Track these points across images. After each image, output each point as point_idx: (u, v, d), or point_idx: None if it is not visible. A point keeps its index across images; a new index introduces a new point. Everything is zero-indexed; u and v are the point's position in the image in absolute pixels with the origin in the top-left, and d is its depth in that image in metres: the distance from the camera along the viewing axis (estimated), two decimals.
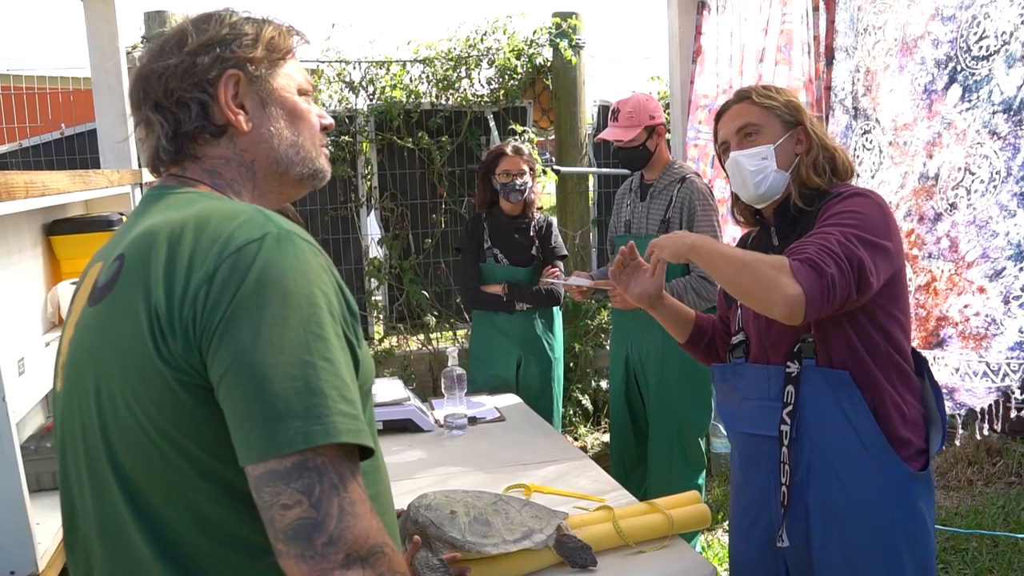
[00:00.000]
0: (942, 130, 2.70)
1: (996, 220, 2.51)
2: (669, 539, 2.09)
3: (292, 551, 0.95)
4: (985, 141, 2.54)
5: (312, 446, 0.95)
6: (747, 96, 2.05)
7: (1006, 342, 2.48)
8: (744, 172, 2.00)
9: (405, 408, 3.05)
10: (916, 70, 2.81)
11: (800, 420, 1.90)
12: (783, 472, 1.93)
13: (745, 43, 3.92)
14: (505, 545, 1.88)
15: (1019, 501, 4.15)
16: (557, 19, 5.45)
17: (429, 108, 5.45)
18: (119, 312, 1.05)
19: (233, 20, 1.22)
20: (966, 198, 2.60)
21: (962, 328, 2.58)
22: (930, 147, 2.74)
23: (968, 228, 2.58)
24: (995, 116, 2.52)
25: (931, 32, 2.76)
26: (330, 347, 1.01)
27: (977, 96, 2.58)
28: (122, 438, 1.05)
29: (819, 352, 1.89)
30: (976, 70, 2.59)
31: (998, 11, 2.52)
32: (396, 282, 5.56)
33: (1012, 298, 2.46)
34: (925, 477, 1.90)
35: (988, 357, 2.52)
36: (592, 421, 5.54)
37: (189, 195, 1.17)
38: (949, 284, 2.63)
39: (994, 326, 2.51)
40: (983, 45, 2.56)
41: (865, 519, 1.87)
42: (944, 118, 2.69)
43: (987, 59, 2.55)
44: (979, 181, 2.56)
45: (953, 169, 2.65)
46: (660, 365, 3.39)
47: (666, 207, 3.33)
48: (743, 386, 2.03)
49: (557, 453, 2.80)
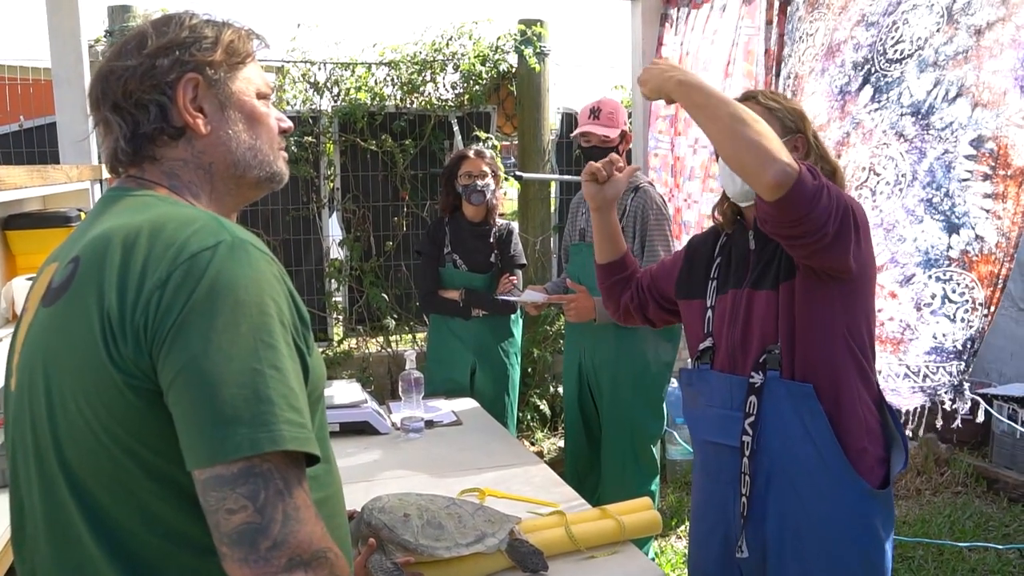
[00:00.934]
0: (851, 129, 2.72)
1: (903, 225, 2.51)
2: (621, 545, 2.12)
3: (236, 555, 0.96)
4: (891, 142, 2.56)
5: (259, 453, 0.97)
6: (753, 96, 2.02)
7: (922, 347, 2.50)
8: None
9: (362, 410, 3.05)
10: (836, 72, 2.84)
11: (761, 432, 1.90)
12: (743, 483, 1.93)
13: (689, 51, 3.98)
14: (458, 548, 1.90)
15: (965, 510, 4.24)
16: (522, 26, 5.47)
17: (393, 111, 5.44)
18: (73, 314, 1.06)
19: (193, 23, 1.23)
20: (871, 199, 2.61)
21: (878, 332, 2.57)
22: (839, 147, 2.76)
23: (875, 231, 2.55)
24: (903, 118, 2.53)
25: (854, 36, 2.79)
26: (279, 356, 1.02)
27: (887, 97, 2.60)
28: (72, 438, 1.05)
29: (784, 364, 1.88)
30: (889, 72, 2.62)
31: (917, 17, 2.56)
32: (356, 284, 5.55)
33: (923, 305, 2.47)
34: (884, 496, 1.90)
35: (907, 360, 2.54)
36: (549, 426, 5.57)
37: (146, 198, 1.18)
38: None
39: (909, 331, 2.52)
40: (898, 48, 2.60)
41: (820, 533, 1.88)
42: (854, 118, 2.71)
43: (900, 62, 2.58)
44: (884, 183, 2.57)
45: (857, 168, 2.66)
46: (613, 373, 3.41)
47: (620, 215, 3.35)
48: (707, 392, 2.02)
49: (512, 458, 2.82)
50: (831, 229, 1.72)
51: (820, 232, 1.71)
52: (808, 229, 1.71)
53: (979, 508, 4.29)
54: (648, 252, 3.27)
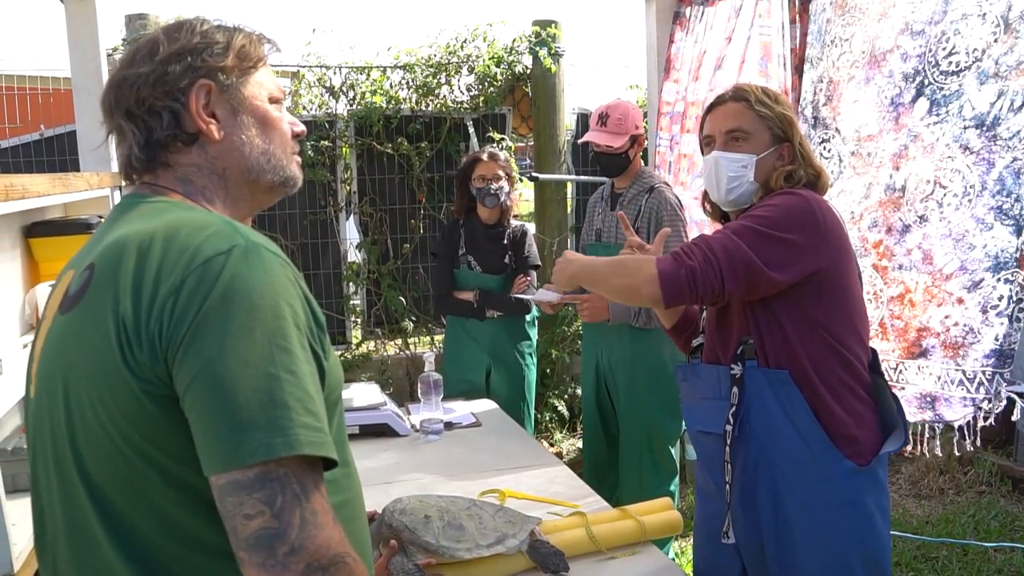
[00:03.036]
0: (908, 142, 2.73)
1: (973, 233, 2.54)
2: (641, 545, 2.12)
3: (254, 560, 0.96)
4: (956, 155, 2.57)
5: (275, 457, 0.97)
6: (745, 98, 2.03)
7: (982, 350, 2.52)
8: (720, 174, 2.01)
9: (382, 413, 3.06)
10: (883, 83, 2.85)
11: (744, 419, 1.95)
12: (725, 470, 1.98)
13: (706, 50, 3.97)
14: (478, 550, 1.90)
15: (989, 510, 4.20)
16: (537, 27, 5.48)
17: (409, 114, 5.46)
18: (89, 321, 1.07)
19: (204, 29, 1.23)
20: (938, 211, 2.63)
21: (943, 338, 2.61)
22: (896, 159, 2.77)
23: (943, 241, 2.60)
24: (966, 131, 2.55)
25: (900, 46, 2.79)
26: (295, 359, 1.02)
27: (946, 111, 2.61)
28: (89, 443, 1.06)
29: (759, 353, 1.94)
30: (945, 84, 2.62)
31: (969, 28, 2.55)
32: (374, 287, 5.57)
33: (990, 307, 2.50)
34: (870, 472, 1.92)
35: (964, 365, 2.56)
36: (568, 427, 5.56)
37: (160, 204, 1.18)
38: (927, 296, 2.66)
39: (972, 335, 2.54)
40: (952, 60, 2.60)
41: (810, 516, 1.91)
42: (911, 131, 2.72)
43: (957, 75, 2.59)
44: (952, 195, 2.58)
45: (921, 182, 2.68)
46: (629, 373, 3.40)
47: (635, 216, 3.35)
48: (700, 385, 2.08)
49: (532, 459, 2.82)
50: (728, 287, 1.84)
51: (719, 294, 1.85)
52: (709, 299, 1.88)
53: (1004, 508, 4.24)
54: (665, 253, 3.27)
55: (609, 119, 3.36)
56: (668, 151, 4.30)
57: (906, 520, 4.13)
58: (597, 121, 3.40)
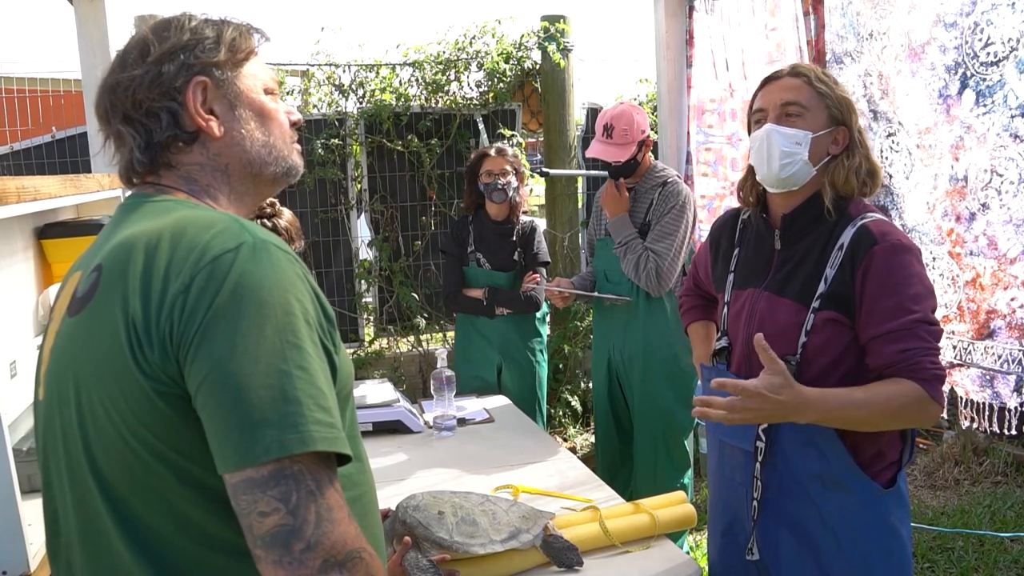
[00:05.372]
0: (963, 133, 2.76)
1: None
2: (655, 539, 2.12)
3: (270, 557, 0.96)
4: (1008, 144, 2.60)
5: (288, 454, 0.97)
6: (804, 74, 1.92)
7: None
8: (773, 149, 1.89)
9: (395, 409, 3.07)
10: (928, 75, 2.86)
11: (775, 438, 1.88)
12: (755, 487, 1.92)
13: (745, 47, 3.93)
14: (492, 545, 1.90)
15: (1005, 500, 4.18)
16: (545, 23, 5.47)
17: (419, 111, 5.46)
18: (98, 322, 1.06)
19: (193, 25, 1.22)
20: (998, 198, 2.67)
21: (1009, 319, 2.66)
22: (954, 150, 2.80)
23: (1005, 227, 2.64)
24: (1014, 120, 2.58)
25: (936, 38, 2.81)
26: (306, 356, 1.02)
27: (992, 101, 2.64)
28: (102, 446, 1.06)
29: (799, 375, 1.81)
30: (987, 75, 2.65)
31: (1000, 18, 2.57)
32: (386, 284, 5.57)
33: None
34: (896, 492, 1.88)
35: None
36: (581, 422, 5.56)
37: (165, 203, 1.18)
38: (994, 280, 2.69)
39: None
40: (991, 51, 2.62)
41: (837, 539, 1.85)
42: (963, 122, 2.75)
43: (996, 65, 2.61)
44: (1008, 182, 2.61)
45: (980, 171, 2.71)
46: (643, 366, 3.39)
47: (646, 211, 3.33)
48: (724, 394, 2.00)
49: (545, 454, 2.82)
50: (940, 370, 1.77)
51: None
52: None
53: (1020, 498, 4.22)
54: (654, 232, 3.28)
55: (615, 130, 3.31)
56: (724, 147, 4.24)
57: (922, 511, 4.11)
58: (602, 132, 3.35)
